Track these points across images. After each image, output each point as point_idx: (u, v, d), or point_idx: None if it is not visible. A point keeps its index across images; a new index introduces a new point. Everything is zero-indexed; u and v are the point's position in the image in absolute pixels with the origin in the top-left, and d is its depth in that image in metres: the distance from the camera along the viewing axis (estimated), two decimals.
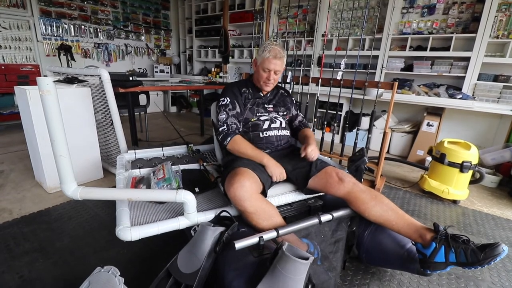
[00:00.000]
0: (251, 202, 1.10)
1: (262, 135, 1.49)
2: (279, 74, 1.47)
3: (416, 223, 1.14)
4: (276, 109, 1.58)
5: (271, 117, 1.53)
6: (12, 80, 3.61)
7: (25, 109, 1.90)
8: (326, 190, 1.30)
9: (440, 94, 3.03)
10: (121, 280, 0.90)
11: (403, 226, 1.14)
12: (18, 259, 1.35)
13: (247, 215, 1.12)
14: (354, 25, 3.73)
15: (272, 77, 1.46)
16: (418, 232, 1.11)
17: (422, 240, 1.09)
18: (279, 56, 1.41)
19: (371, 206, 1.16)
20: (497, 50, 2.91)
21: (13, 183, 2.15)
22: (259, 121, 1.50)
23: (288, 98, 1.68)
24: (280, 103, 1.62)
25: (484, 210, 2.07)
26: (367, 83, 2.25)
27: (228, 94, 1.50)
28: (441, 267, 1.04)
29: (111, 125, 2.13)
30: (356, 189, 1.20)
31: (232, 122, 1.43)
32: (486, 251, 0.97)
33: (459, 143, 2.16)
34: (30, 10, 4.02)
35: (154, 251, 1.41)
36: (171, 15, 5.98)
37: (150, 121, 3.90)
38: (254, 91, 1.56)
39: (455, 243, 1.03)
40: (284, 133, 1.56)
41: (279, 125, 1.54)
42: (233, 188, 1.11)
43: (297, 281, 0.87)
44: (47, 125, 0.97)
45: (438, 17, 3.22)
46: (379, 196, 1.19)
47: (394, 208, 1.17)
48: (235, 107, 1.47)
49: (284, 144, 1.55)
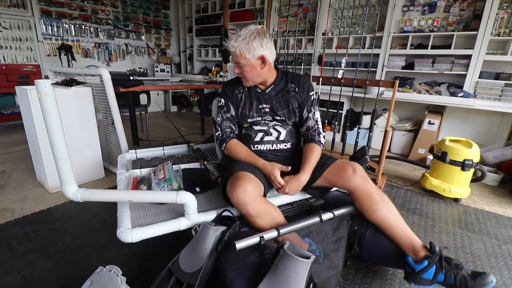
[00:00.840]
0: (254, 205, 1.10)
1: (253, 148, 1.36)
2: (244, 67, 1.25)
3: (414, 237, 1.13)
4: (274, 112, 1.36)
5: (266, 128, 1.36)
6: (13, 80, 3.62)
7: (26, 109, 1.90)
8: (335, 183, 1.27)
9: (441, 92, 3.02)
10: (123, 279, 0.90)
11: (400, 236, 1.13)
12: (20, 258, 1.35)
13: (250, 218, 1.12)
14: (354, 24, 3.72)
15: (237, 70, 1.28)
16: (413, 246, 1.11)
17: (415, 255, 1.10)
18: (231, 47, 1.22)
19: (376, 208, 1.15)
20: (499, 48, 2.90)
21: (15, 183, 2.16)
22: (251, 131, 1.36)
23: (297, 96, 1.37)
24: (281, 103, 1.36)
25: (485, 209, 2.07)
26: (368, 81, 2.25)
27: (223, 94, 1.42)
28: (426, 283, 1.07)
29: (112, 125, 2.13)
30: (366, 186, 1.17)
31: (226, 126, 1.37)
32: (476, 279, 0.99)
33: (460, 141, 2.15)
34: (31, 10, 4.02)
35: (155, 250, 1.41)
36: (171, 14, 5.97)
37: (150, 121, 3.90)
38: (251, 88, 1.39)
39: (447, 265, 1.04)
40: (281, 147, 1.36)
41: (275, 137, 1.35)
42: (236, 193, 1.09)
43: (298, 280, 0.87)
44: (46, 128, 0.96)
45: (439, 15, 3.21)
46: (386, 200, 1.17)
47: (396, 216, 1.15)
48: (229, 109, 1.39)
49: (282, 157, 1.39)
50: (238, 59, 1.23)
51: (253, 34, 1.21)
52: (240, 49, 1.20)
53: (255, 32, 1.21)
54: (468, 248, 1.57)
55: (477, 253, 1.53)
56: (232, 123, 1.39)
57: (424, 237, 1.65)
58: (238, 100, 1.39)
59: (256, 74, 1.29)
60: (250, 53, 1.21)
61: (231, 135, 1.37)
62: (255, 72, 1.28)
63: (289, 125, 1.39)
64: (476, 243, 1.63)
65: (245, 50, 1.20)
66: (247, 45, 1.20)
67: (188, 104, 5.81)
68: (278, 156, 1.39)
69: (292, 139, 1.40)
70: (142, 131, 3.73)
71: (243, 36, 1.20)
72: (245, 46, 1.20)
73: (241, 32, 1.23)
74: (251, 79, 1.30)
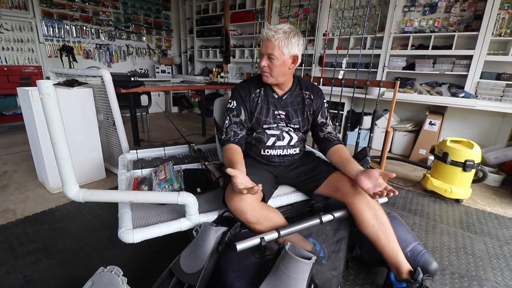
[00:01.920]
0: (252, 213, 1.08)
1: (263, 152, 1.34)
2: (275, 61, 1.21)
3: (401, 259, 1.12)
4: (288, 119, 1.35)
5: (279, 133, 1.34)
6: (14, 82, 3.63)
7: (27, 110, 1.91)
8: (332, 195, 1.26)
9: (442, 93, 3.01)
10: (124, 280, 0.90)
11: (387, 254, 1.13)
12: (21, 259, 1.36)
13: (249, 225, 1.11)
14: (355, 24, 3.72)
15: (265, 62, 1.23)
16: (397, 266, 1.12)
17: (397, 274, 1.12)
18: (270, 36, 1.17)
19: (366, 225, 1.14)
20: (500, 48, 2.90)
21: (17, 183, 2.16)
22: (263, 135, 1.33)
23: (313, 103, 1.38)
24: (297, 111, 1.36)
25: (487, 209, 2.06)
26: (369, 82, 2.25)
27: (236, 97, 1.34)
28: None
29: (113, 126, 2.14)
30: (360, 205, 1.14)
31: (231, 130, 1.31)
32: None
33: (461, 142, 2.15)
34: (32, 12, 4.04)
35: (156, 251, 1.42)
36: (172, 15, 5.99)
37: (151, 122, 3.90)
38: (268, 92, 1.35)
39: None
40: (291, 152, 1.36)
41: (286, 142, 1.34)
42: (233, 201, 1.08)
43: (299, 281, 0.87)
44: (48, 128, 0.96)
45: (440, 15, 3.21)
46: (380, 217, 1.14)
47: (387, 234, 1.13)
48: (239, 113, 1.32)
49: (287, 162, 1.39)
50: (274, 50, 1.19)
51: (294, 32, 1.20)
52: (279, 41, 1.17)
53: (295, 30, 1.22)
54: (469, 249, 1.57)
55: (479, 254, 1.53)
56: (239, 128, 1.32)
57: (425, 238, 1.65)
58: (254, 104, 1.34)
59: (283, 72, 1.26)
60: (287, 48, 1.19)
61: (231, 138, 1.30)
62: (283, 70, 1.25)
63: (301, 132, 1.40)
64: (477, 244, 1.62)
65: (284, 43, 1.18)
66: (287, 39, 1.18)
67: (189, 105, 5.82)
68: (285, 162, 1.39)
69: (301, 144, 1.41)
70: (143, 132, 3.74)
71: (284, 30, 1.19)
72: (285, 40, 1.18)
73: (279, 25, 1.21)
74: (275, 76, 1.26)
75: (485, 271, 1.39)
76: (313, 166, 1.38)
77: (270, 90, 1.36)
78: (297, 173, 1.39)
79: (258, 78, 1.38)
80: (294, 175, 1.39)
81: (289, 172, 1.40)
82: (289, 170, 1.40)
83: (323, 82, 2.50)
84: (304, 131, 1.41)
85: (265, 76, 1.28)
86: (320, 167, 1.35)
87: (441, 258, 1.48)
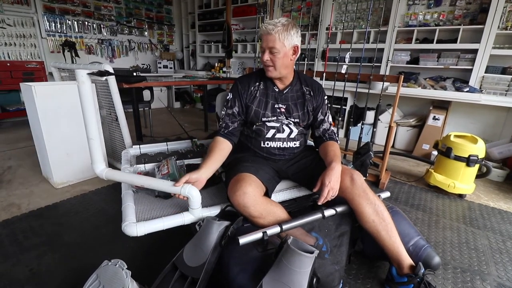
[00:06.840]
0: (255, 207, 1.09)
1: (263, 144, 1.35)
2: (277, 54, 1.22)
3: (402, 254, 1.13)
4: (289, 113, 1.35)
5: (279, 125, 1.35)
6: (17, 77, 3.64)
7: (31, 106, 1.91)
8: None
9: (446, 87, 2.98)
10: (128, 273, 0.91)
11: (388, 249, 1.14)
12: (27, 252, 1.38)
13: (252, 219, 1.12)
14: (359, 18, 3.68)
15: (267, 56, 1.23)
16: (399, 260, 1.13)
17: (399, 268, 1.14)
18: (270, 29, 1.18)
19: (367, 220, 1.15)
20: (506, 42, 2.85)
21: (21, 178, 2.18)
22: (263, 127, 1.34)
23: (313, 100, 1.39)
24: (297, 105, 1.37)
25: (490, 204, 2.05)
26: (372, 76, 2.22)
27: (233, 89, 1.38)
28: None
29: (116, 121, 2.14)
30: (360, 200, 1.15)
31: (224, 122, 1.35)
32: None
33: (465, 137, 2.13)
34: (34, 7, 4.03)
35: (160, 244, 1.43)
36: (173, 10, 5.95)
37: (154, 117, 3.90)
38: (268, 86, 1.36)
39: None
40: (291, 145, 1.37)
41: (286, 135, 1.35)
42: (236, 196, 1.09)
43: (302, 274, 0.87)
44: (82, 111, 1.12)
45: (445, 9, 3.16)
46: (381, 213, 1.15)
47: (389, 230, 1.14)
48: (233, 105, 1.35)
49: (287, 156, 1.40)
50: (275, 43, 1.20)
51: (291, 23, 1.22)
52: (279, 33, 1.19)
53: (292, 22, 1.23)
54: (472, 244, 1.57)
55: (482, 249, 1.53)
56: (231, 120, 1.35)
57: (428, 233, 1.65)
58: (251, 97, 1.35)
59: (286, 65, 1.27)
60: (287, 39, 1.21)
61: (221, 130, 1.35)
62: (286, 62, 1.26)
63: (301, 127, 1.40)
64: (480, 239, 1.62)
65: (284, 35, 1.20)
66: (286, 31, 1.20)
67: (191, 100, 5.81)
68: (285, 155, 1.39)
69: (302, 138, 1.42)
70: (145, 127, 3.75)
71: (283, 22, 1.20)
72: (285, 32, 1.19)
73: (276, 19, 1.23)
74: (278, 69, 1.27)
75: (488, 266, 1.39)
76: (314, 161, 1.38)
77: (271, 83, 1.37)
78: (298, 167, 1.38)
79: (259, 72, 1.40)
80: (295, 169, 1.39)
81: (290, 166, 1.39)
82: (290, 164, 1.40)
83: (326, 77, 2.48)
84: (304, 126, 1.41)
85: (269, 71, 1.28)
86: (321, 162, 1.34)
87: (444, 252, 1.48)
